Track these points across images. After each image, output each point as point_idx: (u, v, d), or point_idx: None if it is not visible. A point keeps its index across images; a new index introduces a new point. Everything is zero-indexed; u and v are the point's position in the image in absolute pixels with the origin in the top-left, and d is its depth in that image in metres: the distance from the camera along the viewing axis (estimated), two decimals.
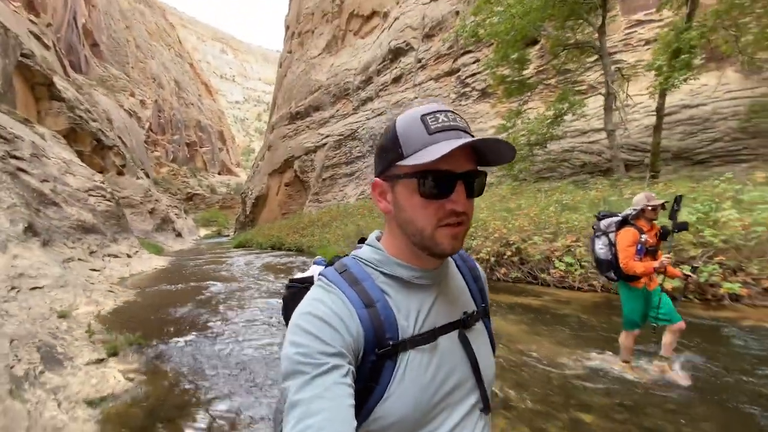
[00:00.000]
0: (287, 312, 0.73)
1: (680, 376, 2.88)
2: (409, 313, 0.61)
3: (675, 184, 7.57)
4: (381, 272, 0.63)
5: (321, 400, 0.48)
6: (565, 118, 11.26)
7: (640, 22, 13.80)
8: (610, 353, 3.29)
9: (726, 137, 10.47)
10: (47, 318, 4.24)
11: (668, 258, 2.75)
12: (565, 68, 12.15)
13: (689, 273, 2.90)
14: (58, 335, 3.73)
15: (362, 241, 0.73)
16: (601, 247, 3.15)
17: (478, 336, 0.68)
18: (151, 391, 2.89)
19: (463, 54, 17.93)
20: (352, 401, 0.51)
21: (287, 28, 44.85)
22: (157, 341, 4.02)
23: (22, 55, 22.96)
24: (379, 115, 23.56)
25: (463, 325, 0.65)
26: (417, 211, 0.58)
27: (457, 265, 0.74)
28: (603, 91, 10.34)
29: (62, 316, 4.59)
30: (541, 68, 13.30)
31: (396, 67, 22.65)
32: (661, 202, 2.89)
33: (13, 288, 4.76)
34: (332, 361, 0.51)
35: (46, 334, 3.61)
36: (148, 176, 40.67)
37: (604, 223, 3.19)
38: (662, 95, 8.98)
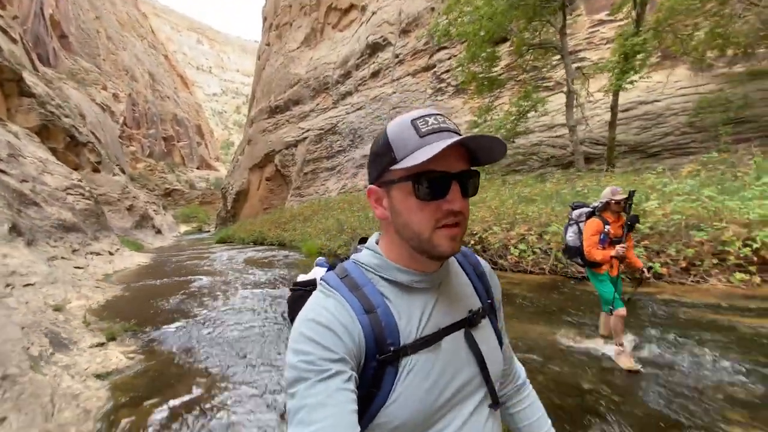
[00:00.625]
0: (292, 314, 0.74)
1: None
2: (411, 317, 0.61)
3: (618, 177, 8.32)
4: (381, 277, 0.63)
5: (324, 407, 0.48)
6: (532, 114, 11.96)
7: (602, 22, 14.56)
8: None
9: (676, 131, 11.36)
10: (44, 311, 4.61)
11: (622, 247, 2.90)
12: (534, 65, 12.83)
13: (645, 270, 3.15)
14: (58, 324, 4.13)
15: (363, 241, 0.74)
16: (571, 235, 3.39)
17: (484, 332, 0.68)
18: (151, 366, 3.36)
19: (438, 50, 18.42)
20: (355, 407, 0.51)
21: (265, 19, 44.25)
22: (150, 328, 4.46)
23: None
24: (358, 109, 23.90)
25: (468, 323, 0.65)
26: (413, 214, 0.58)
27: (460, 263, 0.74)
28: (565, 89, 11.05)
29: (57, 309, 4.96)
30: (512, 65, 13.97)
31: (374, 62, 22.98)
32: (624, 196, 3.01)
33: (8, 285, 5.09)
34: (335, 367, 0.51)
35: (48, 323, 4.01)
36: (123, 172, 39.75)
37: (575, 213, 3.41)
38: (615, 94, 9.73)
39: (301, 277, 0.74)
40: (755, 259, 4.31)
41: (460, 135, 0.57)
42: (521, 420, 0.79)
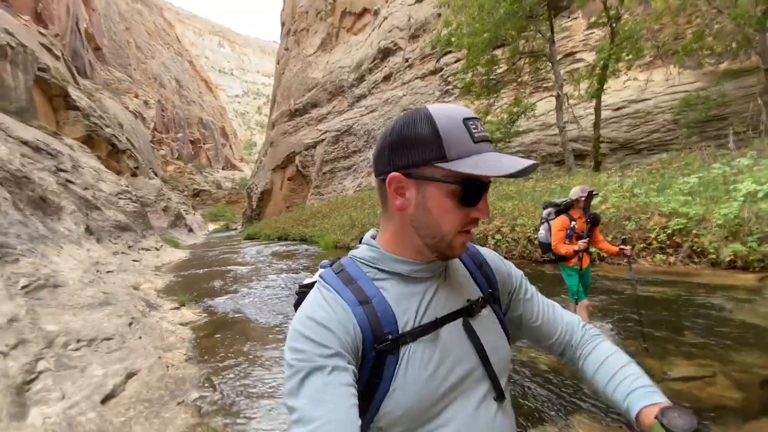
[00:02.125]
0: None
1: None
2: (409, 306, 0.61)
3: (590, 176, 9.36)
4: (377, 269, 0.63)
5: (323, 403, 0.48)
6: (531, 114, 12.99)
7: (598, 24, 15.35)
8: None
9: (662, 128, 12.18)
10: (128, 288, 6.28)
11: (584, 242, 3.12)
12: (536, 67, 13.81)
13: (624, 247, 3.22)
14: (144, 296, 5.76)
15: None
16: (542, 232, 3.58)
17: (485, 323, 0.67)
18: (213, 319, 4.94)
19: (444, 54, 19.51)
20: (355, 400, 0.51)
21: (283, 24, 46.14)
22: (206, 299, 6.05)
23: (39, 69, 24.84)
24: (372, 111, 25.27)
25: (467, 313, 0.65)
26: (445, 216, 0.58)
27: None
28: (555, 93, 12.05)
29: (135, 288, 6.63)
30: (512, 67, 15.00)
31: (386, 66, 24.27)
32: (585, 195, 3.21)
33: (98, 271, 6.81)
34: (331, 363, 0.51)
35: (138, 295, 5.64)
36: (156, 175, 42.78)
37: (545, 212, 3.63)
38: (598, 98, 10.69)
39: (307, 280, 0.71)
40: (668, 242, 5.46)
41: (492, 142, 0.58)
42: (589, 367, 0.72)
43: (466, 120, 0.56)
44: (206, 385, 2.91)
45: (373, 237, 0.70)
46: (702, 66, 12.74)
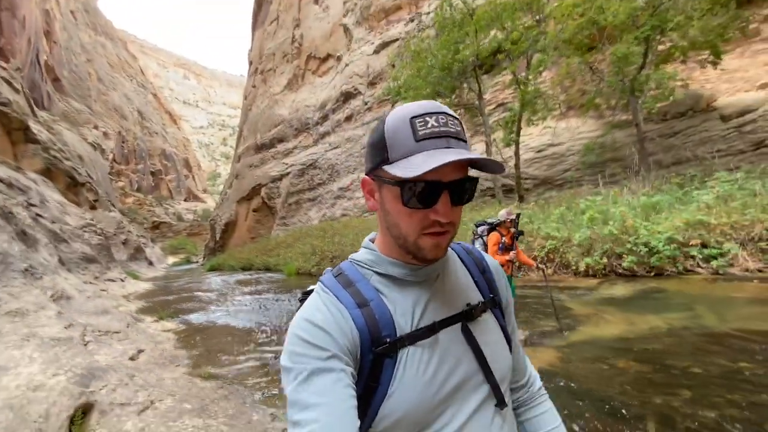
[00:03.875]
0: None
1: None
2: (406, 309, 0.61)
3: (484, 208, 11.36)
4: (375, 272, 0.64)
5: (320, 406, 0.48)
6: None
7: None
8: None
9: (573, 168, 14.67)
10: (114, 307, 7.26)
11: (513, 253, 3.85)
12: (470, 115, 16.11)
13: (541, 265, 4.28)
14: (128, 312, 6.78)
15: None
16: (479, 246, 4.15)
17: (485, 328, 0.67)
18: (190, 327, 6.10)
19: (399, 100, 21.91)
20: (354, 403, 0.51)
21: (251, 63, 48.20)
22: (181, 315, 7.13)
23: (0, 103, 24.95)
24: (335, 148, 27.13)
25: (466, 317, 0.64)
26: (400, 218, 0.58)
27: (462, 258, 0.74)
28: (489, 137, 14.32)
29: (116, 308, 7.58)
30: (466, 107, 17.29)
31: (347, 107, 26.46)
32: (513, 217, 3.96)
33: (80, 294, 7.72)
34: (329, 365, 0.51)
35: (123, 311, 6.67)
36: (114, 207, 41.95)
37: (479, 229, 4.28)
38: (516, 145, 12.96)
39: (311, 287, 0.69)
40: (546, 258, 7.29)
41: (460, 138, 0.56)
42: (535, 428, 0.75)
43: (413, 118, 0.56)
44: (192, 358, 4.14)
45: (372, 240, 0.70)
46: (603, 117, 15.60)
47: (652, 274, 6.22)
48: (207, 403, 2.55)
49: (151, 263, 35.52)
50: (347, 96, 26.44)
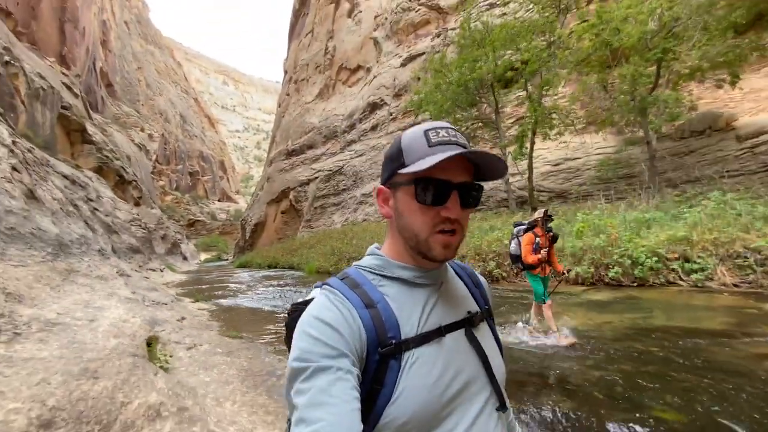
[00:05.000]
0: (290, 335, 0.64)
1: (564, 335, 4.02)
2: (412, 312, 0.62)
3: (510, 216, 11.90)
4: (382, 276, 0.66)
5: (325, 405, 0.48)
6: None
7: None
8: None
9: (588, 182, 14.95)
10: (159, 288, 8.47)
11: (545, 252, 3.96)
12: (489, 129, 16.74)
13: (565, 270, 4.21)
14: (169, 294, 7.96)
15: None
16: (513, 246, 4.30)
17: (484, 335, 0.70)
18: (221, 308, 7.17)
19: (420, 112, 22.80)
20: (358, 404, 0.51)
21: (285, 72, 50.64)
22: (213, 300, 8.24)
23: (62, 107, 27.80)
24: (360, 155, 28.29)
25: (469, 323, 0.67)
26: (414, 216, 0.62)
27: (457, 273, 0.77)
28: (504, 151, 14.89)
29: (161, 289, 8.80)
30: (469, 129, 17.98)
31: (373, 117, 27.59)
32: (548, 215, 4.10)
33: (130, 277, 9.00)
34: (336, 364, 0.52)
35: (167, 292, 7.85)
36: (155, 204, 45.06)
37: (516, 230, 4.37)
38: (530, 158, 13.48)
39: (300, 300, 0.70)
40: None
41: (467, 149, 0.60)
42: None
43: (427, 130, 0.62)
44: (222, 326, 5.13)
45: (378, 248, 0.72)
46: (622, 133, 15.79)
47: (636, 284, 6.71)
48: (232, 349, 3.47)
49: (185, 258, 37.94)
50: (374, 106, 27.59)
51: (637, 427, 2.12)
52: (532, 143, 13.06)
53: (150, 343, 2.81)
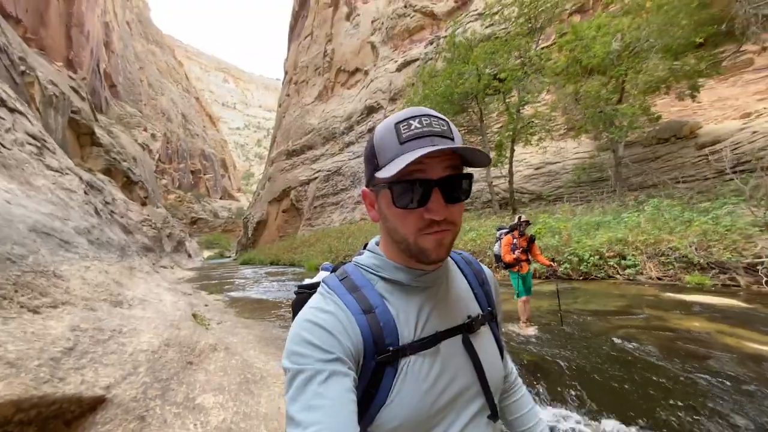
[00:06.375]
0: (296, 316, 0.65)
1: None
2: (409, 317, 0.61)
3: (498, 217, 13.14)
4: (380, 277, 0.64)
5: (321, 408, 0.48)
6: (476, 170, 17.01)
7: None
8: None
9: (565, 185, 16.17)
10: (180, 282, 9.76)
11: (519, 252, 4.44)
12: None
13: (551, 263, 4.58)
14: (189, 287, 9.25)
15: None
16: (496, 247, 4.81)
17: (483, 340, 0.68)
18: (233, 298, 8.46)
19: None
20: (354, 407, 0.51)
21: (286, 72, 51.74)
22: (224, 293, 9.53)
23: (72, 111, 29.02)
24: (358, 157, 29.49)
25: (467, 329, 0.65)
26: (398, 221, 0.59)
27: (461, 269, 0.75)
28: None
29: (177, 283, 10.10)
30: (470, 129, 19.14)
31: (370, 120, 28.79)
32: (524, 220, 4.52)
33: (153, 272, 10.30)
34: (331, 368, 0.51)
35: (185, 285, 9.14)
36: (159, 203, 46.38)
37: (498, 233, 4.89)
38: (510, 163, 14.70)
39: (306, 281, 0.72)
40: None
41: (446, 137, 0.57)
42: (512, 412, 0.81)
43: (398, 123, 0.57)
44: (237, 311, 6.41)
45: (377, 244, 0.69)
46: (599, 139, 16.98)
47: (582, 278, 7.96)
48: (248, 325, 4.72)
49: (190, 256, 39.26)
50: (371, 110, 28.78)
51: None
52: (512, 150, 14.28)
53: (195, 315, 4.09)
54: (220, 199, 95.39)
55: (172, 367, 2.32)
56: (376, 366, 0.57)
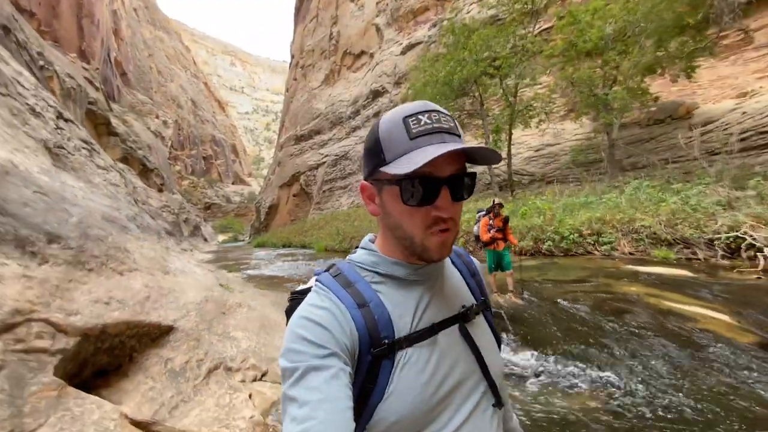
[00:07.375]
0: None
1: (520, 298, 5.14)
2: (405, 311, 0.61)
3: (481, 201, 13.84)
4: (375, 272, 0.64)
5: (317, 403, 0.48)
6: None
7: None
8: None
9: (564, 167, 16.68)
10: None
11: (494, 231, 5.00)
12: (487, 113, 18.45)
13: (517, 242, 6.83)
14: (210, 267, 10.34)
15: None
16: (475, 228, 5.40)
17: (479, 329, 0.68)
18: (249, 275, 9.50)
19: None
20: (351, 403, 0.51)
21: (292, 56, 51.91)
22: (241, 271, 10.61)
23: (89, 102, 30.14)
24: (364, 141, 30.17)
25: (462, 318, 0.65)
26: (403, 218, 0.59)
27: (453, 262, 0.75)
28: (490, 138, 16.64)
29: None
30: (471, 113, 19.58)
31: (376, 104, 29.26)
32: (498, 203, 5.14)
33: (182, 252, 11.42)
34: (327, 363, 0.52)
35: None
36: (174, 189, 47.97)
37: (477, 215, 5.46)
38: (509, 145, 15.26)
39: (300, 287, 0.71)
40: None
41: (454, 134, 0.57)
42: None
43: (407, 117, 0.57)
44: (255, 285, 7.43)
45: (372, 241, 0.70)
46: (597, 120, 17.32)
47: (563, 254, 8.74)
48: (265, 293, 5.69)
49: (206, 239, 40.94)
50: (376, 94, 29.20)
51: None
52: (510, 134, 14.82)
53: (221, 285, 5.07)
54: (232, 184, 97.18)
55: (212, 314, 3.27)
56: (372, 359, 0.57)
